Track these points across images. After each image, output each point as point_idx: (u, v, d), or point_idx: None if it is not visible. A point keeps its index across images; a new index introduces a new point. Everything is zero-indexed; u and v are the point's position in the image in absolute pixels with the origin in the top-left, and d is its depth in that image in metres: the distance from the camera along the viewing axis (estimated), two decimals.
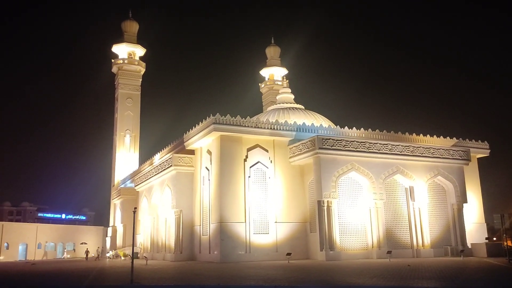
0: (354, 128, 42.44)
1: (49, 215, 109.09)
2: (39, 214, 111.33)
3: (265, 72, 77.83)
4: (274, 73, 77.02)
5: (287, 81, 64.51)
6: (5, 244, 63.21)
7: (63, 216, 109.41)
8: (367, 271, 23.02)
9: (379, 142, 38.30)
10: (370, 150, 37.18)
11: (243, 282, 17.83)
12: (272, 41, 78.14)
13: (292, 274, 21.88)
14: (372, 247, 36.11)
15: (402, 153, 38.33)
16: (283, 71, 77.11)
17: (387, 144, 38.30)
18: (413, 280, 18.15)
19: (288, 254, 33.22)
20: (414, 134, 44.59)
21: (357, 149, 36.68)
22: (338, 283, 17.26)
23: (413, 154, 38.75)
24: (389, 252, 34.10)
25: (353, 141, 36.95)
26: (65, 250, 73.40)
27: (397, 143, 38.85)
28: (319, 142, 35.51)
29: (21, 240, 66.33)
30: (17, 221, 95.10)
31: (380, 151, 37.58)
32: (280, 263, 31.55)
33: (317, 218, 35.20)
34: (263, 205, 37.71)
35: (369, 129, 43.02)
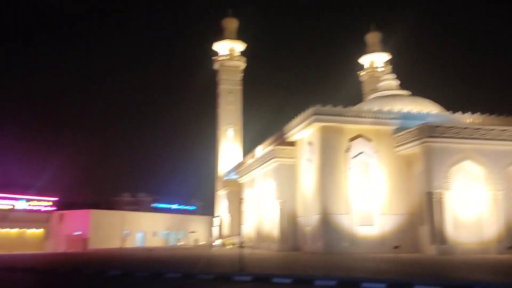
0: (468, 113, 39.25)
1: (161, 205, 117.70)
2: (153, 204, 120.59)
3: (364, 59, 75.28)
4: (374, 60, 74.20)
5: (390, 66, 61.65)
6: (126, 232, 69.63)
7: (175, 206, 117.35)
8: (486, 266, 21.24)
9: (497, 128, 34.98)
10: (486, 137, 34.14)
11: (352, 274, 17.55)
12: (373, 27, 75.31)
13: (403, 267, 21.00)
14: (490, 242, 33.21)
15: None
16: (385, 56, 73.89)
17: (506, 130, 34.83)
18: None
19: (396, 247, 31.99)
20: None
21: (471, 137, 33.91)
22: (456, 279, 16.14)
23: None
24: (510, 247, 31.12)
25: (466, 128, 34.24)
26: (178, 238, 78.71)
27: None
28: (428, 130, 33.48)
29: (139, 228, 72.52)
30: (134, 210, 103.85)
31: (498, 138, 34.31)
32: (386, 256, 30.47)
33: (427, 210, 33.29)
34: (367, 197, 36.68)
35: (486, 114, 39.51)
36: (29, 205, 55.19)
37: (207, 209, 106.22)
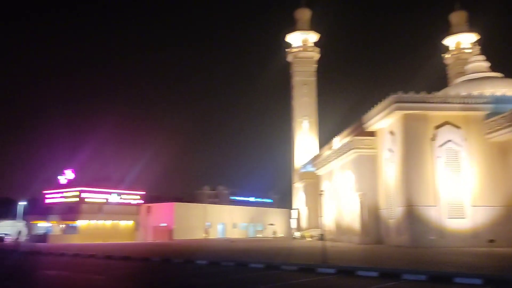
0: None
1: (240, 198, 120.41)
2: (232, 197, 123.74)
3: (449, 41, 70.65)
4: (461, 41, 69.36)
5: (479, 47, 57.24)
6: (208, 223, 72.16)
7: (252, 199, 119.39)
8: None
9: None
10: None
11: (441, 268, 16.58)
12: (457, 6, 70.40)
13: (500, 262, 19.46)
14: None
15: None
16: (473, 37, 68.77)
17: None
18: None
19: (491, 241, 29.79)
20: None
21: None
22: None
23: None
24: None
25: None
26: (258, 230, 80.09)
27: None
28: None
29: (220, 220, 74.78)
30: (214, 203, 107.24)
31: None
32: (480, 250, 28.46)
33: None
34: (456, 188, 34.47)
35: None
36: (120, 198, 59.10)
37: (284, 202, 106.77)
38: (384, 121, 38.20)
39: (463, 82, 43.36)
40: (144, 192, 63.82)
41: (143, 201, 63.09)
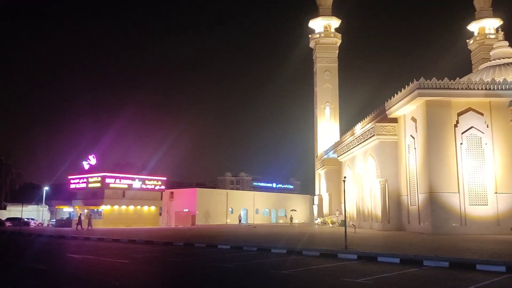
0: None
1: (262, 184, 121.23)
2: (254, 183, 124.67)
3: (473, 27, 69.03)
4: (485, 26, 67.67)
5: (503, 33, 55.88)
6: (230, 209, 73.06)
7: (274, 185, 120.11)
8: None
9: None
10: None
11: (463, 255, 16.68)
12: None
13: None
14: None
15: None
16: (497, 22, 66.99)
17: None
18: None
19: None
20: None
21: None
22: None
23: None
24: None
25: None
26: (279, 216, 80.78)
27: None
28: None
29: (242, 205, 75.63)
30: (236, 189, 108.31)
31: None
32: (503, 237, 28.30)
33: None
34: (479, 174, 34.19)
35: None
36: (143, 184, 60.25)
37: (305, 188, 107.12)
38: (407, 107, 37.91)
39: (487, 68, 42.57)
40: (166, 178, 64.91)
41: (164, 187, 64.20)
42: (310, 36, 72.75)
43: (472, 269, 14.15)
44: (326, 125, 69.84)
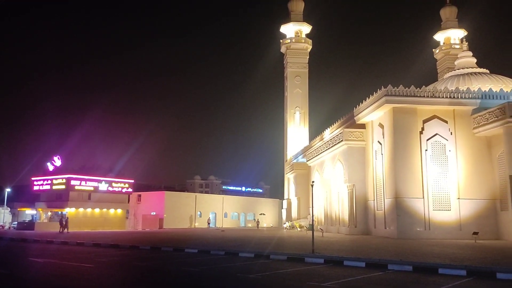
0: None
1: (231, 187, 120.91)
2: (223, 187, 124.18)
3: (439, 36, 71.35)
4: (450, 36, 70.03)
5: (467, 43, 57.98)
6: (198, 212, 72.41)
7: (243, 189, 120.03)
8: None
9: None
10: None
11: (426, 259, 17.04)
12: (448, 1, 70.86)
13: (483, 254, 20.02)
14: None
15: None
16: (461, 33, 69.45)
17: None
18: None
19: (475, 233, 30.45)
20: None
21: None
22: None
23: None
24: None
25: None
26: (248, 220, 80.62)
27: None
28: (511, 109, 31.18)
29: (211, 209, 75.09)
30: (205, 192, 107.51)
31: None
32: (465, 242, 29.16)
33: (510, 194, 31.23)
34: (442, 180, 35.16)
35: None
36: (110, 187, 58.92)
37: (274, 192, 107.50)
38: (374, 113, 38.62)
39: (451, 77, 43.95)
40: (134, 181, 63.79)
41: (132, 190, 63.06)
42: (281, 41, 73.30)
43: (434, 273, 14.47)
44: (296, 130, 70.42)
